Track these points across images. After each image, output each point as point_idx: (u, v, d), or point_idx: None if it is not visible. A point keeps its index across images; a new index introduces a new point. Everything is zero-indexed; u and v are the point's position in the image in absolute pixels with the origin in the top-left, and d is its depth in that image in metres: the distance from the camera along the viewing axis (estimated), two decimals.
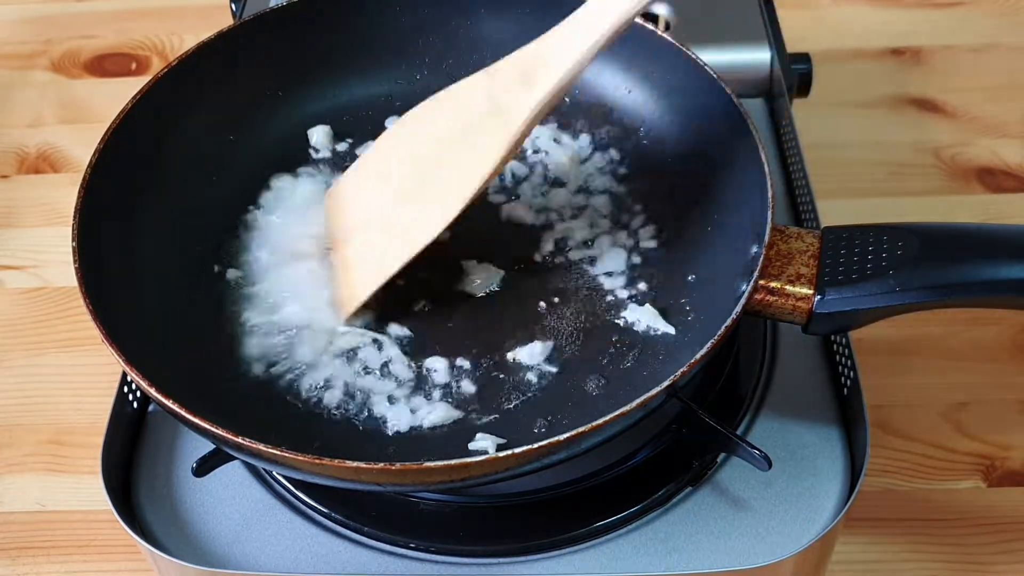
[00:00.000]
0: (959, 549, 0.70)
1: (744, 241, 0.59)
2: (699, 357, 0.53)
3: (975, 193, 0.93)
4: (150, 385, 0.53)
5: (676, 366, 0.53)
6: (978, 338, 0.81)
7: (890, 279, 0.55)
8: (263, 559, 0.60)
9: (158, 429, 0.65)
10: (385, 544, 0.60)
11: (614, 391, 0.59)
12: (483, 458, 0.50)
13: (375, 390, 0.60)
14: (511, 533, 0.60)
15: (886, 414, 0.77)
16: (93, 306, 0.55)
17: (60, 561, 0.72)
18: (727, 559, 0.59)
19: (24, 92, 1.10)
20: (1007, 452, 0.74)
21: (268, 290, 0.65)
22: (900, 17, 1.11)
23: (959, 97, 1.01)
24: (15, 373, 0.84)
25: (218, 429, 0.51)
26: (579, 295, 0.64)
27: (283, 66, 0.73)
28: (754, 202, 0.60)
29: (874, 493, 0.72)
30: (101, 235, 0.61)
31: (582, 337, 0.62)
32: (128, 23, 1.17)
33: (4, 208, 0.97)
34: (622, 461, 0.62)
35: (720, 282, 0.60)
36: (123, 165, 0.64)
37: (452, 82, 0.62)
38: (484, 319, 0.63)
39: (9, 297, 0.89)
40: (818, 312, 0.57)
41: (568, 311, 0.63)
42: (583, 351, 0.61)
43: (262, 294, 0.64)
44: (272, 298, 0.64)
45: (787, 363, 0.68)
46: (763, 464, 0.57)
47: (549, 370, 0.60)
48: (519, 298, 0.64)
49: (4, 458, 0.78)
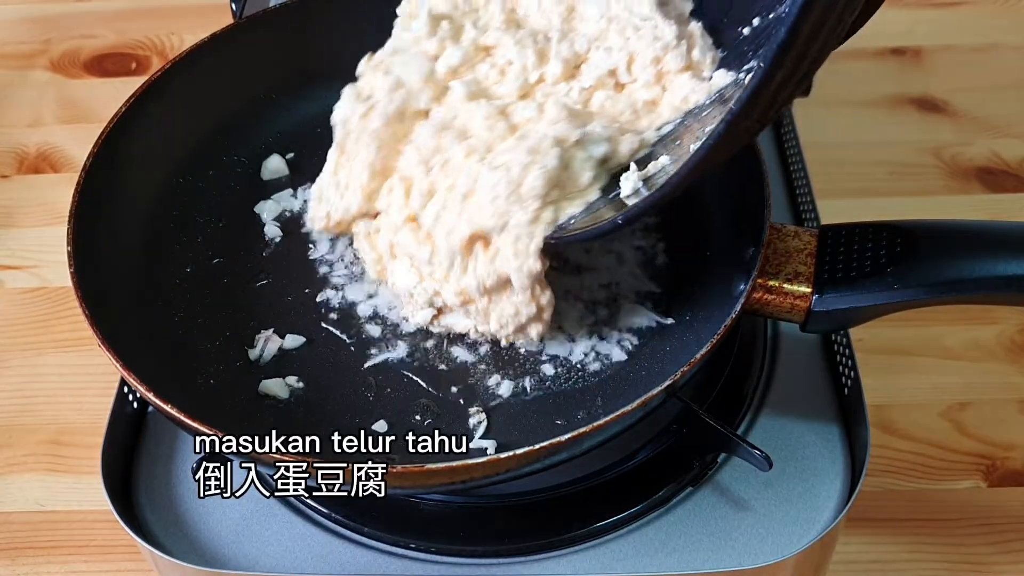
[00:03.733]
0: (960, 549, 0.70)
1: (742, 240, 0.59)
2: (699, 356, 0.53)
3: (975, 193, 0.93)
4: (148, 389, 0.53)
5: (676, 366, 0.53)
6: (978, 338, 0.81)
7: (888, 277, 0.55)
8: (263, 559, 0.60)
9: (158, 429, 0.65)
10: (385, 544, 0.60)
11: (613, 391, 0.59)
12: (484, 459, 0.50)
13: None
14: (512, 533, 0.60)
15: (886, 414, 0.77)
16: (89, 310, 0.55)
17: (60, 561, 0.72)
18: (727, 559, 0.59)
19: (24, 92, 1.10)
20: (1007, 452, 0.74)
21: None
22: (900, 17, 1.11)
23: (959, 97, 1.01)
24: (15, 373, 0.84)
25: (215, 433, 0.51)
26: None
27: (281, 66, 0.73)
28: (752, 200, 0.60)
29: (875, 493, 0.72)
30: (97, 238, 0.61)
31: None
32: (128, 23, 1.17)
33: (4, 208, 0.97)
34: (623, 461, 0.62)
35: (718, 281, 0.60)
36: (118, 167, 0.64)
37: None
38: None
39: (9, 297, 0.89)
40: (816, 310, 0.57)
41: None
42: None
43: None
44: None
45: (787, 363, 0.68)
46: (763, 464, 0.57)
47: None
48: None
49: (4, 458, 0.78)
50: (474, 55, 0.62)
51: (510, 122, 0.58)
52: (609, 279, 0.64)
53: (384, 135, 0.61)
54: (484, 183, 0.56)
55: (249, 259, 0.67)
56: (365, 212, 0.62)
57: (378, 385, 0.60)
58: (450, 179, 0.58)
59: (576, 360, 0.60)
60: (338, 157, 0.63)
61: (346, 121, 0.62)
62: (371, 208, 0.62)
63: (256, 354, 0.62)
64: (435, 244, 0.58)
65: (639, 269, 0.65)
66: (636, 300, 0.63)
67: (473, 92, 0.60)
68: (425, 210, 0.59)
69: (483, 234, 0.56)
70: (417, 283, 0.60)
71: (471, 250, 0.57)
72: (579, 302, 0.63)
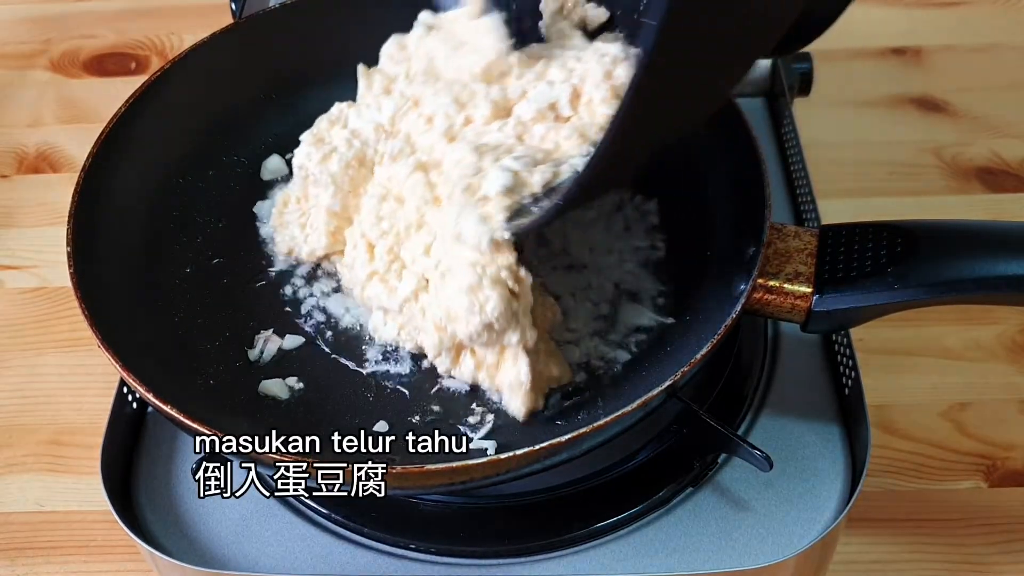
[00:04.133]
0: (960, 549, 0.70)
1: (742, 240, 0.59)
2: (699, 356, 0.53)
3: (976, 193, 0.92)
4: (147, 389, 0.52)
5: (676, 366, 0.53)
6: (979, 338, 0.81)
7: (888, 277, 0.55)
8: (263, 560, 0.60)
9: (158, 429, 0.65)
10: (385, 545, 0.60)
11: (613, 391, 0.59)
12: (484, 460, 0.50)
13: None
14: (512, 534, 0.60)
15: (887, 414, 0.76)
16: (89, 310, 0.55)
17: (60, 562, 0.72)
18: (728, 560, 0.59)
19: (24, 92, 1.10)
20: (1008, 452, 0.74)
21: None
22: (901, 17, 1.11)
23: (960, 97, 1.01)
24: (15, 373, 0.84)
25: (215, 433, 0.51)
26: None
27: (281, 66, 0.73)
28: (752, 200, 0.60)
29: (875, 493, 0.72)
30: (97, 238, 0.61)
31: None
32: (128, 23, 1.17)
33: (4, 208, 0.97)
34: (623, 462, 0.62)
35: (718, 281, 0.60)
36: (118, 168, 0.64)
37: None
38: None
39: (9, 297, 0.89)
40: (816, 310, 0.57)
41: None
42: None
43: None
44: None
45: (788, 363, 0.68)
46: (764, 464, 0.57)
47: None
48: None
49: (4, 458, 0.78)
50: (403, 105, 0.63)
51: (428, 179, 0.59)
52: (609, 279, 0.64)
53: (342, 180, 0.62)
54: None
55: (249, 259, 0.67)
56: (332, 251, 0.63)
57: (378, 386, 0.60)
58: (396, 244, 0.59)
59: (576, 360, 0.60)
60: (298, 196, 0.65)
61: (302, 166, 0.64)
62: (336, 247, 0.63)
63: (256, 354, 0.62)
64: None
65: (640, 269, 0.65)
66: (636, 300, 0.63)
67: (396, 153, 0.61)
68: (389, 273, 0.59)
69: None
70: (397, 333, 0.60)
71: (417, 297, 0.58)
72: (587, 302, 0.63)
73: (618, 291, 0.64)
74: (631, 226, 0.67)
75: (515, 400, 0.57)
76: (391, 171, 0.61)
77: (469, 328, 0.54)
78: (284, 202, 0.67)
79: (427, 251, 0.58)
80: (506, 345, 0.56)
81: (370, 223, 0.60)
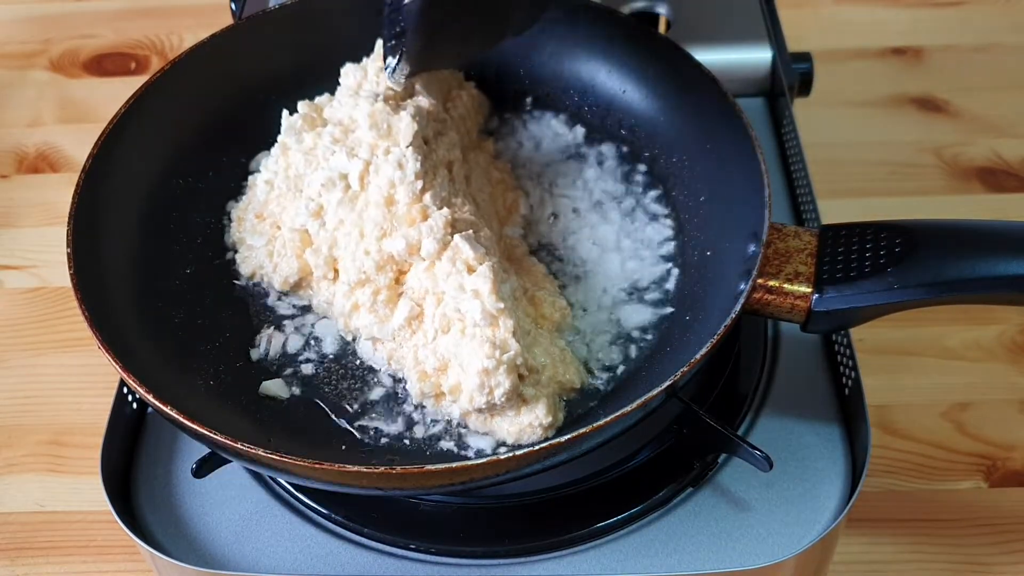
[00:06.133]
0: (961, 549, 0.70)
1: (742, 240, 0.59)
2: (699, 357, 0.53)
3: (976, 193, 0.93)
4: (147, 390, 0.52)
5: (676, 366, 0.53)
6: (979, 338, 0.81)
7: (888, 276, 0.55)
8: (263, 560, 0.60)
9: (158, 430, 0.65)
10: (385, 545, 0.60)
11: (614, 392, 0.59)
12: (484, 460, 0.50)
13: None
14: (511, 534, 0.60)
15: (887, 414, 0.77)
16: (89, 310, 0.55)
17: (59, 562, 0.72)
18: (728, 560, 0.59)
19: (23, 92, 1.10)
20: (1008, 452, 0.74)
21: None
22: (901, 17, 1.11)
23: (960, 97, 1.01)
24: (15, 373, 0.84)
25: (216, 435, 0.51)
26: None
27: (281, 66, 0.73)
28: (751, 201, 0.60)
29: (875, 493, 0.72)
30: (97, 238, 0.61)
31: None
32: (128, 23, 1.17)
33: (3, 208, 0.97)
34: (623, 462, 0.62)
35: (719, 281, 0.60)
36: (118, 168, 0.64)
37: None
38: None
39: (9, 297, 0.89)
40: (816, 310, 0.57)
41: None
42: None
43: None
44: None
45: (788, 363, 0.68)
46: (764, 465, 0.57)
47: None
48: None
49: (4, 458, 0.78)
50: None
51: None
52: (610, 279, 0.64)
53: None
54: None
55: None
56: (305, 275, 0.63)
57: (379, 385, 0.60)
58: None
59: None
60: (256, 219, 0.65)
61: (261, 188, 0.66)
62: (309, 269, 0.62)
63: (257, 354, 0.61)
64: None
65: (640, 269, 0.65)
66: (636, 300, 0.63)
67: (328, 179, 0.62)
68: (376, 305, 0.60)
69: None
70: (385, 362, 0.60)
71: (410, 325, 0.58)
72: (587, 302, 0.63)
73: (618, 291, 0.64)
74: (632, 226, 0.67)
75: (536, 435, 0.55)
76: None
77: (474, 404, 0.54)
78: (240, 219, 0.67)
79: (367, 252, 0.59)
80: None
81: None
